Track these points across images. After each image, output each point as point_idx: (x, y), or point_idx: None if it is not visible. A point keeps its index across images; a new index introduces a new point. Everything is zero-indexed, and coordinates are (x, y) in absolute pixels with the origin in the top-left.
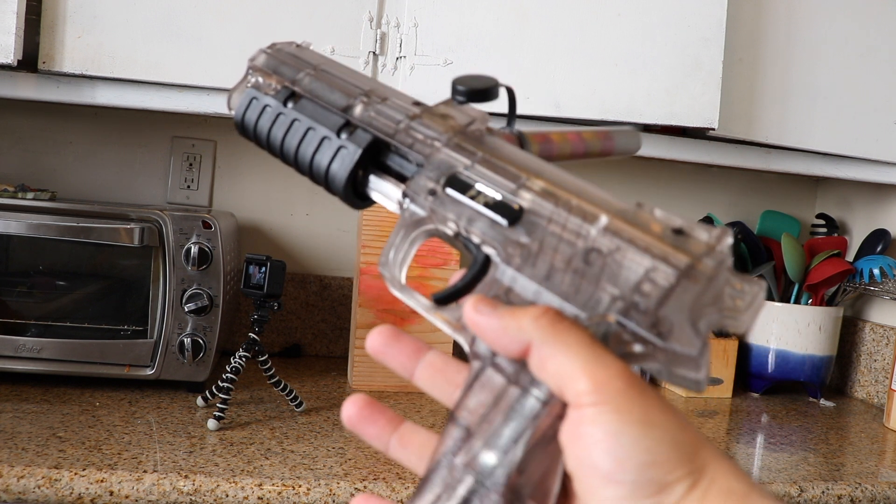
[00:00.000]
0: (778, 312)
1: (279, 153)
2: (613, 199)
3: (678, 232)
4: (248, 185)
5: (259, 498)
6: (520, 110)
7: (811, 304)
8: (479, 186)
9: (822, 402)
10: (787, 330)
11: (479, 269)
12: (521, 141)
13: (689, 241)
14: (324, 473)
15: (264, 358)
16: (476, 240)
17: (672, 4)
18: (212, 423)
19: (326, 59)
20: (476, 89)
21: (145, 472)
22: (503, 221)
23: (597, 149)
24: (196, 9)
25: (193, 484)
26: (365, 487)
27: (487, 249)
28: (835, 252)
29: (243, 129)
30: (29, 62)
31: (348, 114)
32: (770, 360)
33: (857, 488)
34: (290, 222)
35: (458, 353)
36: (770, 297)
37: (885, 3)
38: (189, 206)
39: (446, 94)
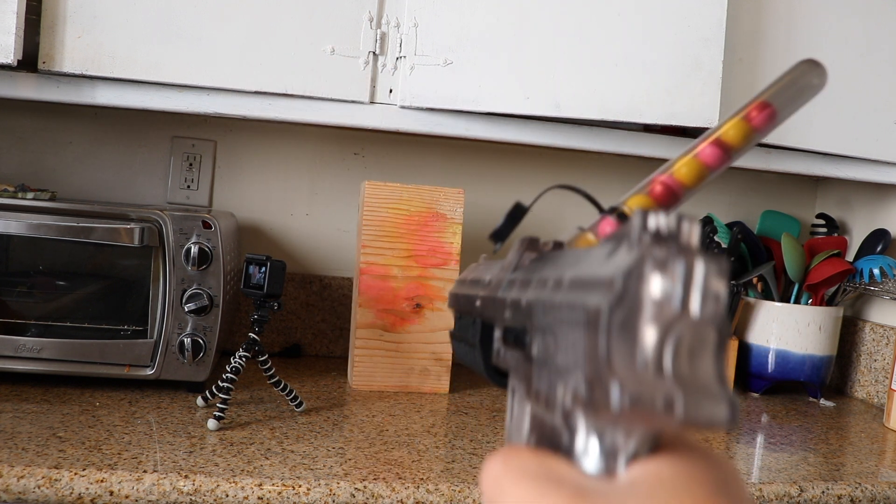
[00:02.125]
0: (778, 312)
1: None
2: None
3: None
4: (248, 185)
5: (259, 498)
6: (520, 110)
7: (811, 304)
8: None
9: (822, 402)
10: (787, 330)
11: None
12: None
13: None
14: (324, 473)
15: (264, 358)
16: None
17: (672, 4)
18: (212, 423)
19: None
20: (501, 224)
21: (145, 472)
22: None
23: (744, 140)
24: (196, 9)
25: (193, 484)
26: (365, 487)
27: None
28: (835, 252)
29: None
30: (29, 62)
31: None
32: (770, 360)
33: (857, 488)
34: (290, 222)
35: None
36: (770, 297)
37: (885, 3)
38: (189, 206)
39: (446, 93)
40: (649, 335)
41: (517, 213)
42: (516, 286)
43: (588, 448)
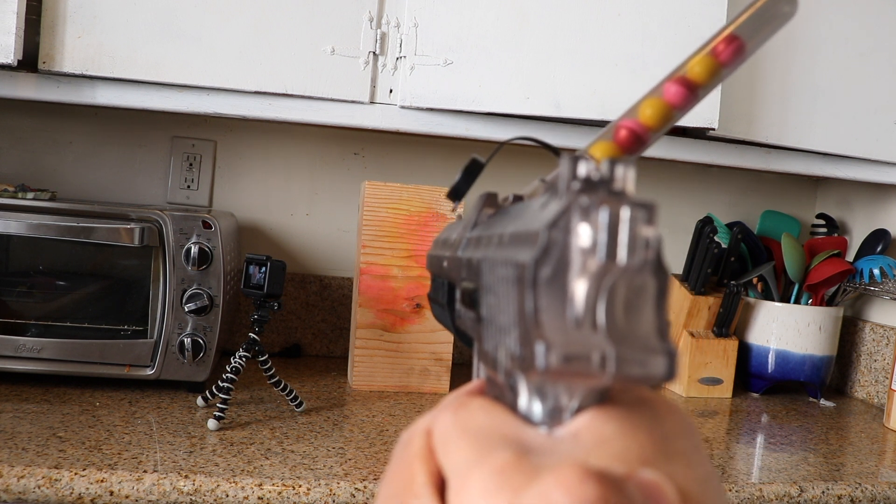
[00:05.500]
0: (778, 312)
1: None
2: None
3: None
4: (248, 185)
5: (259, 498)
6: (520, 110)
7: (811, 304)
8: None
9: (822, 402)
10: (787, 330)
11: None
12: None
13: None
14: (324, 473)
15: (264, 358)
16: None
17: (672, 4)
18: (212, 423)
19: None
20: (458, 180)
21: (145, 472)
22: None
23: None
24: (196, 9)
25: (193, 484)
26: (365, 487)
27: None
28: (835, 252)
29: None
30: (29, 62)
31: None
32: (770, 360)
33: (857, 488)
34: (290, 222)
35: (459, 351)
36: (770, 297)
37: (885, 3)
38: (189, 206)
39: (446, 93)
40: (579, 289)
41: (473, 168)
42: (472, 245)
43: (531, 408)
